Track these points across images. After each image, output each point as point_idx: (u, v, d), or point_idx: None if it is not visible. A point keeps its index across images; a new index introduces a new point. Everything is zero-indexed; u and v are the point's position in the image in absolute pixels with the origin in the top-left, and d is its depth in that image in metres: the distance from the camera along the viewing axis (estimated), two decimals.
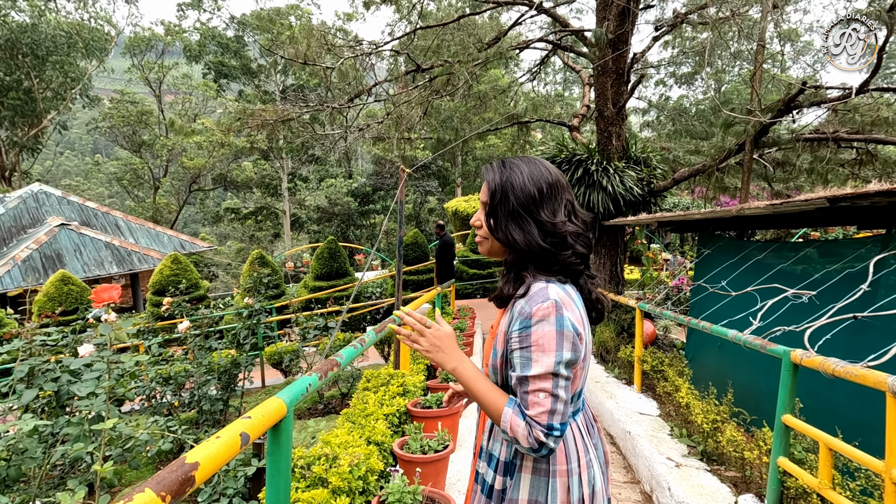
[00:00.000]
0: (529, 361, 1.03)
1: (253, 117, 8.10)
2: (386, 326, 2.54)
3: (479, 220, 1.18)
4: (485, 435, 1.27)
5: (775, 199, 3.69)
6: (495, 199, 1.12)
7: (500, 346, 1.13)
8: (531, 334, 1.03)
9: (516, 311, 1.08)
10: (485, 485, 1.20)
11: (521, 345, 1.04)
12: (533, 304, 1.05)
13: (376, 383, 3.09)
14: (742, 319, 3.71)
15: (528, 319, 1.04)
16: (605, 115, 7.56)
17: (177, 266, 8.92)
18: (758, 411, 3.61)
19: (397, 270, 3.22)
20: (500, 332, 1.15)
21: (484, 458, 1.24)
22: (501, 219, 1.12)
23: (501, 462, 1.17)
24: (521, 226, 1.10)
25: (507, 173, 1.13)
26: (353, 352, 1.90)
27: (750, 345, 2.47)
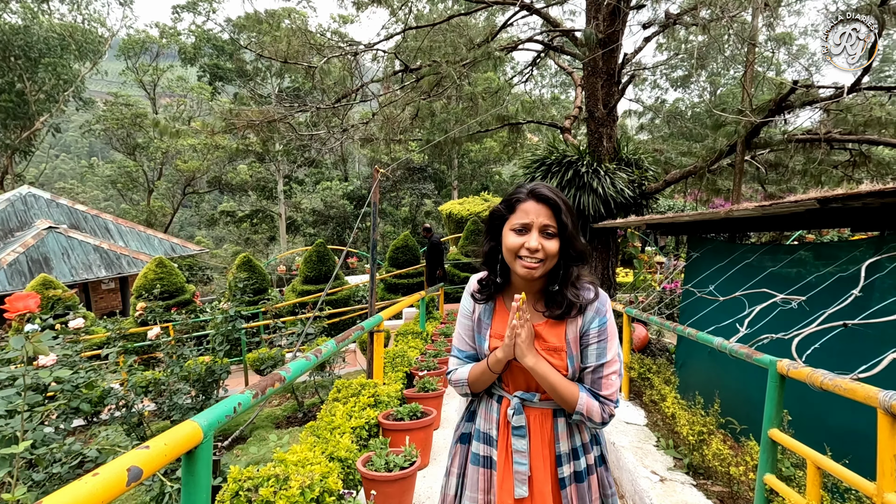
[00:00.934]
0: (605, 350, 1.27)
1: (239, 118, 7.97)
2: (350, 335, 2.40)
3: (541, 244, 1.24)
4: (560, 443, 1.35)
5: (765, 202, 3.57)
6: (569, 220, 1.26)
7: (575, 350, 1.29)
8: (607, 328, 1.27)
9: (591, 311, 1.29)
10: (581, 475, 1.34)
11: (600, 338, 1.27)
12: (605, 303, 1.30)
13: (346, 394, 2.94)
14: (731, 325, 3.58)
15: (604, 316, 1.28)
16: (596, 116, 7.44)
17: (162, 270, 8.75)
18: (748, 420, 3.48)
19: (371, 276, 3.08)
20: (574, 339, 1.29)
21: (569, 461, 1.34)
22: (576, 238, 1.27)
23: (586, 443, 1.36)
24: (580, 240, 1.29)
25: (562, 197, 1.28)
26: (303, 365, 1.75)
27: (735, 353, 2.34)
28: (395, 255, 10.57)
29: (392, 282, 10.52)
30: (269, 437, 4.44)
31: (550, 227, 1.25)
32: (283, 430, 4.56)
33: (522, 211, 1.27)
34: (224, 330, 4.41)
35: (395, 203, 31.17)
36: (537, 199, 1.26)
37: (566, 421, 1.34)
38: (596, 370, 1.26)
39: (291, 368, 1.66)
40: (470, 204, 15.93)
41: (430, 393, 3.28)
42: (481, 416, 1.45)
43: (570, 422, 1.34)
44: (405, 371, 3.99)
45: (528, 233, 1.25)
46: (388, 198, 30.40)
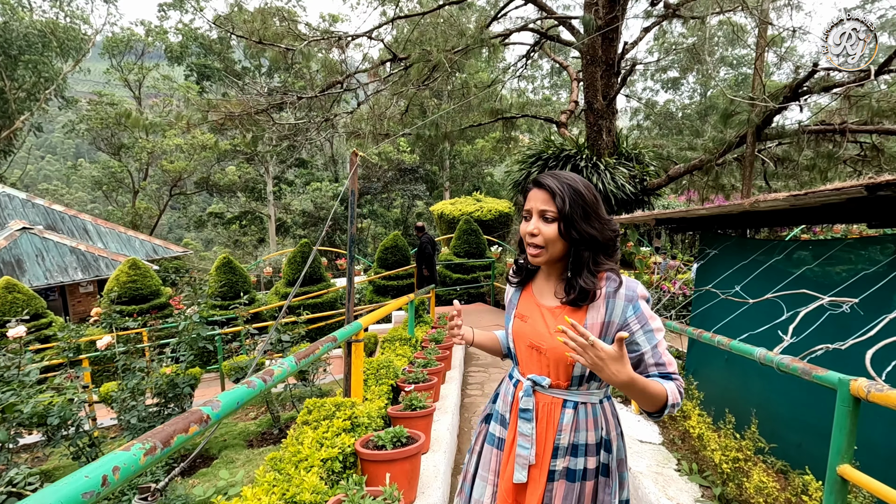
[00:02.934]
0: (653, 332, 1.27)
1: (216, 110, 7.49)
2: (317, 349, 1.96)
3: (538, 229, 1.28)
4: (561, 434, 1.33)
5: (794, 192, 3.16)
6: (566, 204, 1.25)
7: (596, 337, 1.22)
8: (644, 312, 1.28)
9: (620, 300, 1.27)
10: (574, 474, 1.31)
11: (642, 322, 1.27)
12: (633, 290, 1.28)
13: (318, 415, 2.49)
14: (761, 331, 3.18)
15: (638, 302, 1.28)
16: (595, 107, 7.06)
17: (135, 272, 8.22)
18: (776, 438, 3.08)
19: (348, 276, 2.64)
20: (592, 325, 1.28)
21: (565, 454, 1.32)
22: (577, 220, 1.25)
23: (592, 445, 1.32)
24: (593, 223, 1.27)
25: (566, 181, 1.27)
26: (240, 395, 1.31)
27: (786, 369, 1.92)
28: (384, 256, 10.11)
29: (381, 283, 10.06)
30: (236, 459, 3.97)
31: (549, 212, 1.27)
32: (254, 448, 4.09)
33: (528, 199, 1.33)
34: (188, 338, 3.93)
35: (386, 204, 30.72)
36: (537, 186, 1.30)
37: (574, 414, 1.33)
38: (654, 353, 1.27)
39: (221, 402, 1.21)
40: (462, 204, 15.52)
41: (418, 412, 2.83)
42: (501, 398, 1.49)
43: (578, 416, 1.33)
44: (390, 384, 3.54)
45: (530, 219, 1.31)
46: (380, 199, 29.95)
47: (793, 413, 3.38)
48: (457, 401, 4.21)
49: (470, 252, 10.99)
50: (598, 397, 1.35)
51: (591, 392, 1.34)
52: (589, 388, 1.34)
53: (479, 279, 10.95)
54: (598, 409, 1.35)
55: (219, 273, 8.40)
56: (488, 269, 10.94)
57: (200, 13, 31.10)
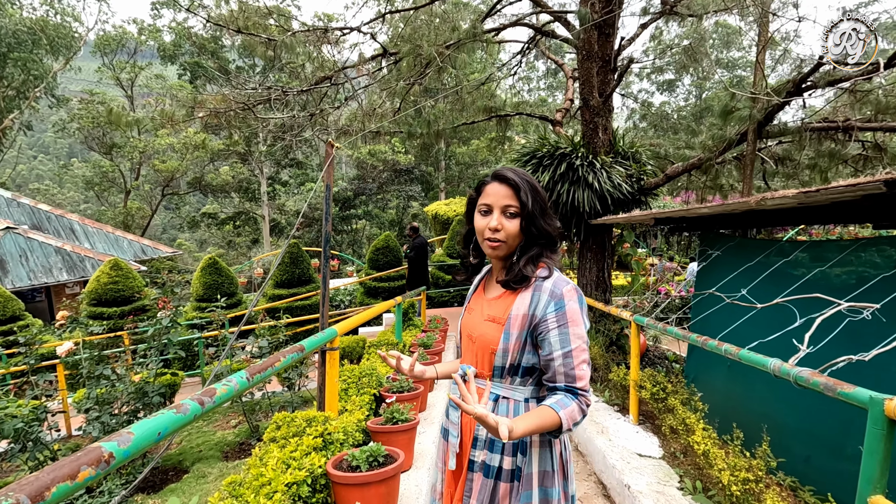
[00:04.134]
0: (569, 337, 1.22)
1: (201, 106, 7.24)
2: (277, 361, 1.73)
3: (501, 224, 1.28)
4: (480, 426, 1.31)
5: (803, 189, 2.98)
6: (529, 199, 1.27)
7: (517, 329, 1.26)
8: (566, 312, 1.23)
9: (544, 294, 1.25)
10: (489, 469, 1.30)
11: (559, 323, 1.22)
12: (560, 286, 1.26)
13: (287, 432, 2.26)
14: (771, 339, 2.98)
15: (561, 300, 1.24)
16: (591, 104, 6.85)
17: (116, 273, 7.95)
18: (782, 450, 2.88)
19: (322, 278, 2.42)
20: (515, 317, 1.27)
21: (483, 447, 1.31)
22: (538, 216, 1.29)
23: (509, 444, 1.28)
24: (547, 220, 1.31)
25: (525, 178, 1.30)
26: (162, 424, 1.08)
27: (805, 383, 1.71)
28: (375, 257, 9.88)
29: (372, 285, 9.82)
30: (208, 473, 3.73)
31: (511, 207, 1.28)
32: (229, 461, 3.85)
33: (486, 193, 1.31)
34: (158, 343, 3.69)
35: (381, 205, 30.49)
36: (500, 181, 1.30)
37: (495, 407, 1.30)
38: (565, 359, 1.22)
39: (134, 435, 0.99)
40: (456, 205, 15.33)
41: (399, 426, 2.61)
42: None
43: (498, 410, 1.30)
44: (373, 393, 3.32)
45: (490, 213, 1.30)
46: (375, 200, 29.73)
47: (800, 424, 3.18)
48: (445, 410, 3.99)
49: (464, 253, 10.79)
50: (521, 395, 1.30)
51: (514, 388, 1.31)
52: (512, 382, 1.31)
53: (473, 280, 10.75)
54: (521, 407, 1.29)
55: (204, 274, 8.14)
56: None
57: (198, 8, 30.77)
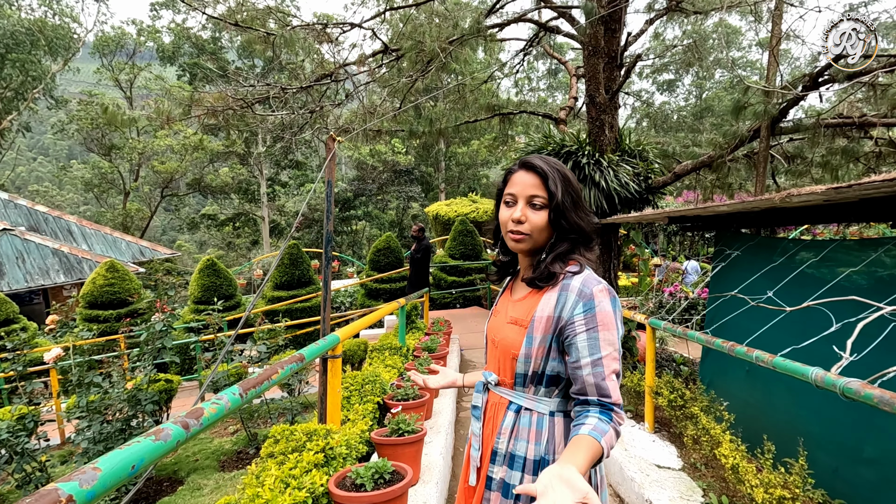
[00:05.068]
0: (598, 342, 1.06)
1: (198, 104, 7.09)
2: (273, 374, 1.57)
3: (525, 215, 1.17)
4: (500, 438, 1.21)
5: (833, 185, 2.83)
6: (559, 189, 1.15)
7: (541, 332, 1.13)
8: (596, 314, 1.07)
9: (572, 294, 1.10)
10: (508, 488, 1.17)
11: (588, 326, 1.07)
12: (590, 285, 1.10)
13: (286, 447, 2.10)
14: (788, 341, 2.82)
15: (591, 300, 1.08)
16: (597, 101, 6.70)
17: (112, 275, 7.79)
18: (807, 461, 2.73)
19: (324, 281, 2.26)
20: (539, 318, 1.14)
21: (502, 462, 1.20)
22: (569, 209, 1.16)
23: (530, 461, 1.15)
24: (579, 214, 1.17)
25: (555, 166, 1.18)
26: (137, 455, 0.92)
27: (855, 395, 1.55)
28: (376, 258, 9.73)
29: (373, 287, 9.66)
30: (204, 486, 3.57)
31: (538, 198, 1.17)
32: (226, 472, 3.69)
33: (511, 182, 1.21)
34: (151, 349, 3.52)
35: (381, 206, 30.36)
36: (526, 169, 1.20)
37: (516, 418, 1.19)
38: (594, 368, 1.06)
39: (101, 471, 0.83)
40: (457, 205, 15.18)
41: (406, 438, 2.45)
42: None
43: (520, 422, 1.18)
44: (377, 401, 3.16)
45: (515, 204, 1.19)
46: (375, 201, 29.60)
47: (827, 433, 3.02)
48: (451, 417, 3.83)
49: (465, 254, 10.63)
50: (546, 407, 1.17)
51: (539, 399, 1.18)
52: (535, 392, 1.18)
53: (475, 282, 10.58)
54: (545, 421, 1.16)
55: (202, 276, 7.99)
56: (484, 272, 10.57)
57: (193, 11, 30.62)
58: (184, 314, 8.28)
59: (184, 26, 30.17)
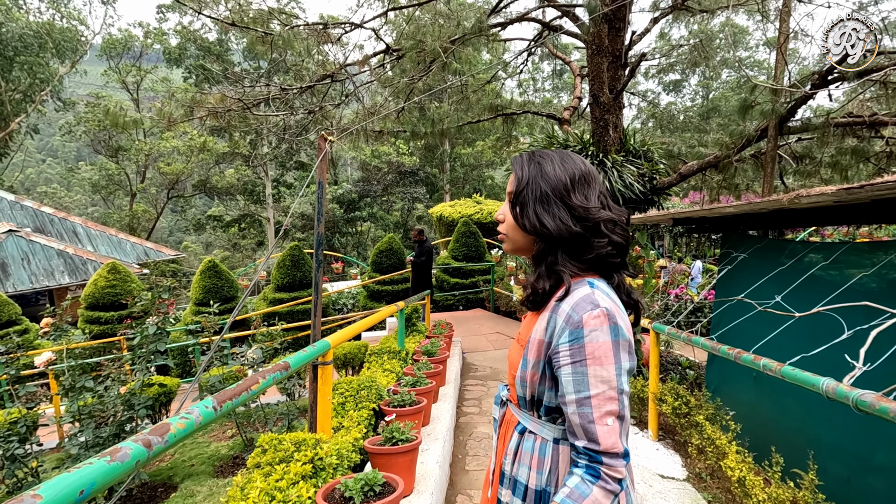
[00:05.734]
0: (586, 378, 0.92)
1: (199, 105, 7.06)
2: (254, 386, 1.50)
3: (503, 214, 1.12)
4: (506, 459, 1.13)
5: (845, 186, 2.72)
6: (522, 185, 1.06)
7: (534, 356, 1.03)
8: (584, 346, 0.93)
9: (560, 318, 0.98)
10: None
11: (574, 359, 0.94)
12: (581, 310, 0.95)
13: (273, 457, 2.03)
14: (798, 348, 2.72)
15: (578, 329, 0.94)
16: (601, 101, 6.61)
17: (114, 276, 7.78)
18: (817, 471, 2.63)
19: (314, 284, 2.19)
20: (533, 341, 1.03)
21: (507, 485, 1.12)
22: (529, 205, 1.05)
23: (531, 490, 1.06)
24: (550, 210, 1.03)
25: (536, 160, 1.09)
26: (87, 479, 0.85)
27: (869, 409, 1.46)
28: (378, 260, 9.67)
29: (375, 289, 9.60)
30: (197, 492, 3.51)
31: (511, 195, 1.08)
32: (221, 478, 3.64)
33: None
34: (147, 353, 3.46)
35: (386, 207, 30.34)
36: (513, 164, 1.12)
37: (520, 441, 1.10)
38: (580, 408, 0.92)
39: (41, 498, 0.76)
40: (461, 206, 15.09)
41: (399, 447, 2.37)
42: None
43: (523, 446, 1.09)
44: (372, 408, 3.08)
45: None
46: (380, 202, 29.59)
47: (838, 441, 2.91)
48: (450, 423, 3.75)
49: (469, 255, 10.54)
50: (550, 433, 1.04)
51: (542, 423, 1.06)
52: (538, 416, 1.07)
53: (478, 284, 10.49)
54: (548, 448, 1.04)
55: (203, 277, 7.96)
56: (488, 274, 10.48)
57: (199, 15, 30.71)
58: (185, 316, 8.26)
59: (190, 29, 30.34)
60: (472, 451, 3.67)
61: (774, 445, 3.20)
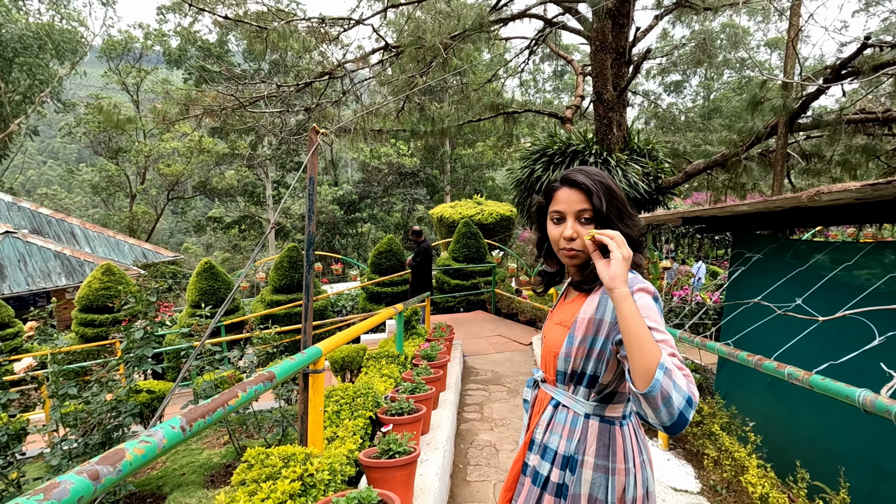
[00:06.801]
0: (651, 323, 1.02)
1: (195, 103, 6.93)
2: (231, 401, 1.35)
3: (576, 232, 1.19)
4: (539, 428, 1.27)
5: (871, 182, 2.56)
6: (604, 203, 1.16)
7: (582, 333, 1.17)
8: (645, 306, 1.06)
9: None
10: (538, 476, 1.24)
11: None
12: (631, 285, 1.09)
13: (259, 474, 1.88)
14: (823, 356, 2.57)
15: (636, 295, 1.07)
16: (605, 98, 6.47)
17: (109, 278, 7.64)
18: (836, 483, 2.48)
19: (305, 287, 2.04)
20: (582, 319, 1.18)
21: (537, 451, 1.26)
22: (615, 220, 1.17)
23: (560, 455, 1.20)
24: (626, 222, 1.18)
25: (598, 179, 1.19)
26: None
27: None
28: (377, 261, 9.52)
29: (375, 290, 9.45)
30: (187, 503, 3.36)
31: (585, 213, 1.19)
32: (212, 489, 3.49)
33: (556, 199, 1.23)
34: (132, 357, 3.32)
35: (386, 209, 30.22)
36: (570, 185, 1.21)
37: (554, 413, 1.25)
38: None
39: None
40: (462, 207, 14.94)
41: (397, 460, 2.22)
42: None
43: (556, 417, 1.24)
44: (369, 416, 2.94)
45: (564, 221, 1.21)
46: (380, 203, 29.47)
47: (860, 452, 2.76)
48: (451, 431, 3.60)
49: (469, 257, 10.39)
50: (582, 408, 1.19)
51: (576, 398, 1.21)
52: (574, 392, 1.22)
53: (479, 285, 10.34)
54: (579, 421, 1.19)
55: (199, 279, 7.82)
56: (489, 275, 10.33)
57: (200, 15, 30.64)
58: (180, 318, 8.12)
59: (190, 30, 30.27)
60: (474, 460, 3.52)
61: (790, 455, 3.05)
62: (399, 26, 7.39)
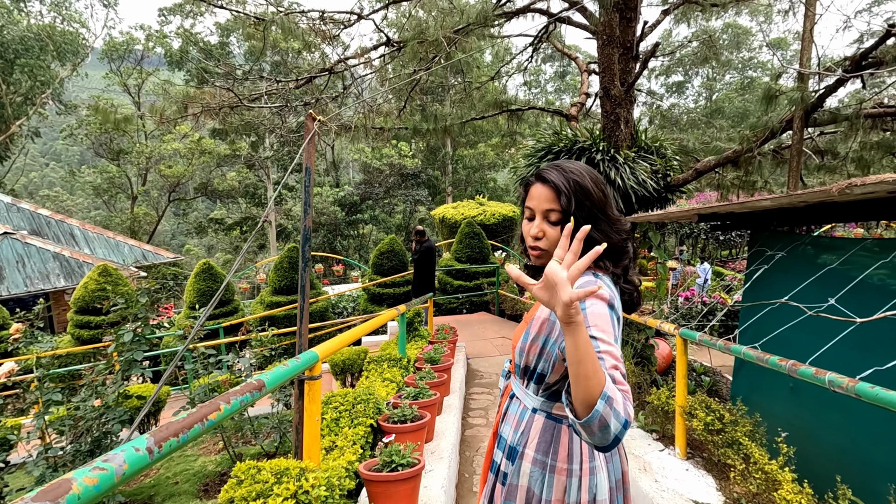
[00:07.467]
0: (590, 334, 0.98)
1: (193, 101, 6.79)
2: (210, 416, 1.19)
3: (542, 231, 1.14)
4: (504, 425, 1.27)
5: None
6: (572, 204, 1.10)
7: (535, 331, 1.17)
8: (587, 315, 1.00)
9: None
10: (493, 464, 1.28)
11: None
12: (590, 286, 0.97)
13: (249, 491, 1.71)
14: (852, 360, 2.40)
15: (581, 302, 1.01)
16: (612, 94, 6.30)
17: (105, 279, 7.50)
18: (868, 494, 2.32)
19: (300, 288, 1.88)
20: (538, 318, 1.18)
21: (502, 448, 1.25)
22: (580, 223, 1.06)
23: (507, 445, 1.22)
24: (600, 226, 1.11)
25: (572, 176, 1.13)
26: None
27: None
28: (379, 262, 9.36)
29: (376, 291, 9.29)
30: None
31: (553, 213, 1.12)
32: (205, 500, 3.33)
33: (529, 195, 1.18)
34: (122, 361, 3.16)
35: (388, 210, 30.10)
36: (542, 182, 1.14)
37: (509, 405, 1.28)
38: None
39: None
40: (464, 208, 14.79)
41: (400, 473, 2.06)
42: None
43: (510, 408, 1.27)
44: (370, 424, 2.77)
45: (534, 219, 1.17)
46: (382, 204, 29.34)
47: (892, 460, 2.60)
48: (456, 439, 3.43)
49: (472, 257, 10.23)
50: (531, 402, 1.21)
51: (527, 393, 1.23)
52: (526, 386, 1.23)
53: (483, 286, 10.17)
54: (526, 414, 1.21)
55: (197, 280, 7.67)
56: (492, 276, 10.16)
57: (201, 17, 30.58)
58: (178, 320, 7.97)
59: (191, 31, 30.23)
60: (480, 468, 3.36)
61: (816, 464, 2.88)
62: (400, 25, 7.25)
